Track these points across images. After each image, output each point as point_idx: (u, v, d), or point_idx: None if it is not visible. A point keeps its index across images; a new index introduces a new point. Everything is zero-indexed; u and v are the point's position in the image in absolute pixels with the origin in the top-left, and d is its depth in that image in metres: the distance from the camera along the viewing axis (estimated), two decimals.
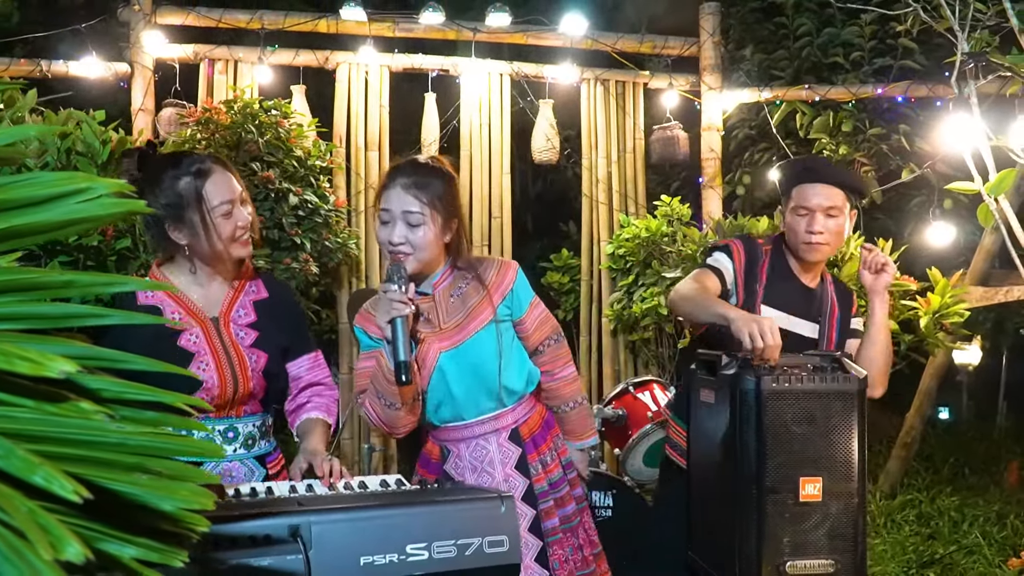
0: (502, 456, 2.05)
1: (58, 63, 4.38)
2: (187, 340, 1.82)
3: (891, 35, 4.96)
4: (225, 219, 1.81)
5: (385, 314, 1.81)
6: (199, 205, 1.78)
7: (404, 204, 1.89)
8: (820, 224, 2.30)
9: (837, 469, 1.93)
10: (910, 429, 5.29)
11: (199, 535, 1.23)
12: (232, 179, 1.85)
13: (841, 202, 2.33)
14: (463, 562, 1.44)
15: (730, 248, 2.39)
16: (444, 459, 2.07)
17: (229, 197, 1.81)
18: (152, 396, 0.77)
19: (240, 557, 1.30)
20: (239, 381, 1.84)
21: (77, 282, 0.79)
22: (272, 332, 1.93)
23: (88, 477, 0.69)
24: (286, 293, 2.04)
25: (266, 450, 1.94)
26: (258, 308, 1.94)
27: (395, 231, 1.90)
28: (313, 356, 2.04)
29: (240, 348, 1.86)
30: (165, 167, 1.82)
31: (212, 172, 1.81)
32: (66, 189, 0.78)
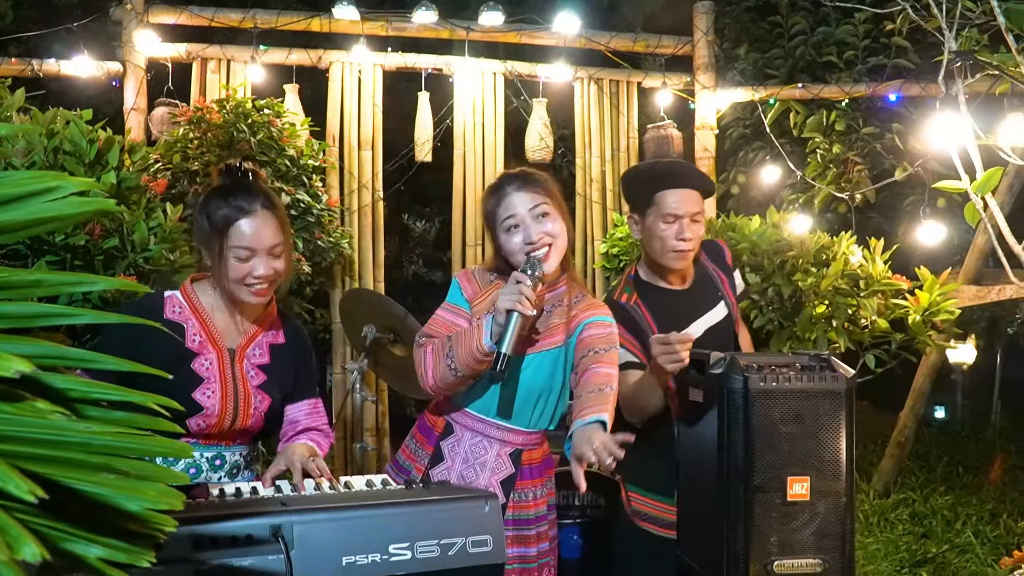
0: (495, 465, 2.03)
1: (50, 62, 4.37)
2: (200, 364, 1.82)
3: (885, 34, 4.96)
4: (239, 262, 1.77)
5: (508, 302, 1.77)
6: (220, 238, 1.77)
7: (529, 202, 1.93)
8: (689, 231, 2.24)
9: (825, 468, 1.93)
10: (903, 428, 5.30)
11: (178, 535, 1.23)
12: (270, 230, 1.79)
13: (701, 206, 2.29)
14: (446, 562, 1.44)
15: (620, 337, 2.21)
16: (445, 435, 2.05)
17: (251, 244, 1.77)
18: (121, 396, 0.77)
19: (221, 557, 1.30)
20: (239, 415, 1.84)
21: (47, 281, 0.78)
22: (280, 377, 1.93)
23: (53, 477, 0.68)
24: (301, 340, 2.02)
25: (248, 479, 1.93)
26: (273, 351, 1.94)
27: (531, 230, 1.92)
28: (313, 403, 2.03)
29: (248, 385, 1.87)
30: (221, 190, 1.82)
31: (252, 214, 1.77)
32: (35, 188, 0.77)
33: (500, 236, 1.98)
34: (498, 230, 1.98)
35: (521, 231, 1.93)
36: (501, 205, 1.96)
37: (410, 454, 2.10)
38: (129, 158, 2.49)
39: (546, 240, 1.93)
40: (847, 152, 5.02)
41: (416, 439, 2.12)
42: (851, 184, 5.03)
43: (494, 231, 2.01)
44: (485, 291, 2.02)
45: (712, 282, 2.41)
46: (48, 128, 2.25)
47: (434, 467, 2.03)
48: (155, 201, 2.48)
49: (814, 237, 3.48)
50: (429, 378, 1.90)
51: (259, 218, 1.77)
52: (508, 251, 1.96)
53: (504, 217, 1.95)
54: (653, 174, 2.32)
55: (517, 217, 1.93)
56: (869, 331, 3.36)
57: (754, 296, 3.41)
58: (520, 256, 1.92)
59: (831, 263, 3.34)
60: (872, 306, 3.25)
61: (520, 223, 1.93)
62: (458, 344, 1.85)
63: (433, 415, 2.11)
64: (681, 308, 2.32)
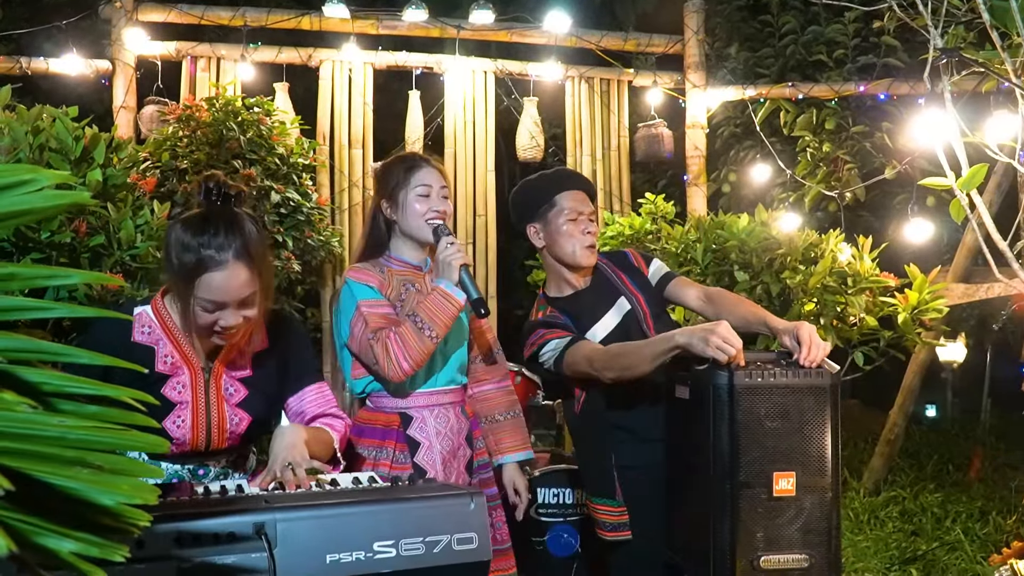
0: (459, 426, 2.21)
1: (38, 60, 4.36)
2: (171, 389, 1.72)
3: (874, 33, 4.98)
4: (205, 312, 1.65)
5: (459, 258, 2.06)
6: (187, 285, 1.63)
7: (441, 181, 2.21)
8: (592, 227, 2.34)
9: (811, 464, 1.93)
10: (893, 426, 5.31)
11: (161, 532, 1.22)
12: (240, 282, 1.63)
13: (593, 209, 2.42)
14: (432, 559, 1.43)
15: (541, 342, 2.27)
16: (407, 425, 2.15)
17: (219, 299, 1.63)
18: (95, 390, 0.76)
19: (204, 555, 1.29)
20: (212, 438, 1.75)
21: (19, 275, 0.78)
22: (263, 389, 1.83)
23: (24, 470, 0.68)
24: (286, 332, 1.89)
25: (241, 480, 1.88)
26: (255, 361, 1.83)
27: (436, 203, 2.17)
28: (316, 387, 1.92)
29: (224, 405, 1.76)
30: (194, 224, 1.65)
31: (223, 266, 1.62)
32: (8, 181, 0.77)
33: (406, 201, 2.17)
34: (406, 194, 2.17)
35: (429, 200, 2.16)
36: (417, 174, 2.18)
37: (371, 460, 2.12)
38: (116, 156, 2.48)
39: (444, 216, 2.18)
40: (837, 151, 5.03)
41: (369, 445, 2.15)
42: (841, 183, 5.04)
43: (397, 198, 2.18)
44: (386, 281, 2.16)
45: (609, 281, 2.42)
46: (34, 125, 2.24)
47: (417, 455, 2.13)
48: (143, 199, 2.47)
49: (803, 235, 3.49)
50: (403, 362, 2.00)
51: (229, 270, 1.62)
52: (412, 217, 2.16)
53: (417, 184, 2.17)
54: (547, 180, 2.43)
55: (431, 189, 2.17)
56: (857, 328, 3.37)
57: (742, 294, 3.42)
58: (420, 221, 2.15)
59: (819, 261, 3.35)
60: (860, 303, 3.26)
61: (430, 194, 2.17)
62: (431, 315, 2.02)
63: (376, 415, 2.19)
64: (587, 306, 2.36)
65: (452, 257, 2.06)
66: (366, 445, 2.15)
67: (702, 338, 1.91)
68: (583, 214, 2.34)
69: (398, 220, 2.20)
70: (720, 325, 1.93)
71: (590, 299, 2.37)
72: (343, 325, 2.13)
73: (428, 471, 2.10)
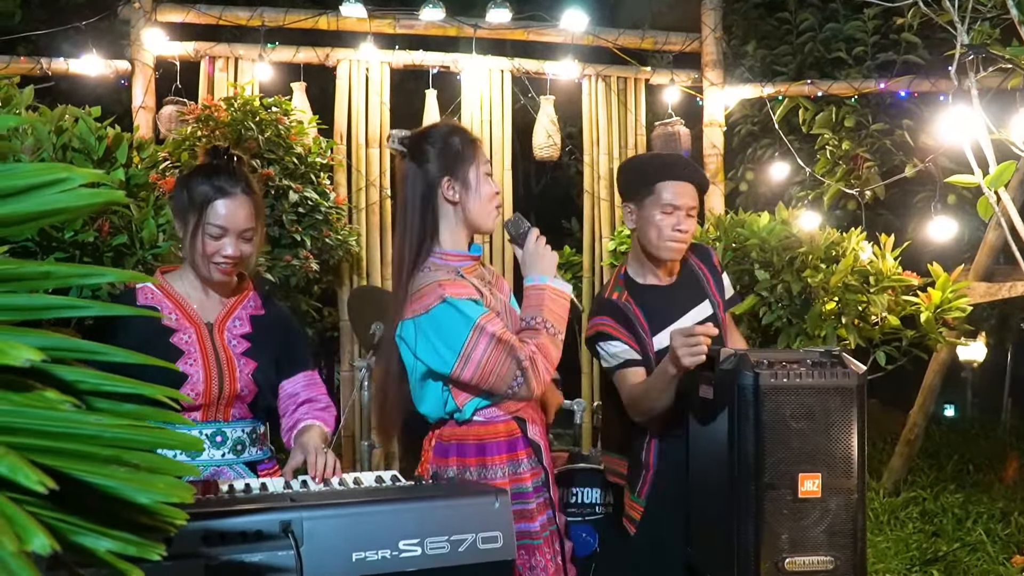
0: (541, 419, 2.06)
1: (58, 61, 4.39)
2: (179, 339, 1.85)
3: (894, 30, 4.94)
4: (211, 239, 1.83)
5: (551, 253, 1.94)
6: (197, 213, 1.83)
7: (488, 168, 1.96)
8: (685, 223, 2.25)
9: (836, 465, 1.91)
10: (913, 426, 5.26)
11: (188, 531, 1.22)
12: (245, 213, 1.86)
13: (697, 202, 2.31)
14: (456, 558, 1.43)
15: (605, 332, 2.26)
16: (524, 429, 1.94)
17: (225, 224, 1.83)
18: (131, 388, 0.76)
19: (231, 553, 1.29)
20: (225, 380, 1.85)
21: (56, 273, 0.78)
22: (265, 345, 1.95)
23: (62, 469, 0.68)
24: (282, 312, 2.07)
25: (258, 457, 1.93)
26: (254, 321, 1.97)
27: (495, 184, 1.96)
28: (309, 374, 2.05)
29: (231, 352, 1.89)
30: (205, 168, 1.89)
31: (231, 196, 1.84)
32: (43, 179, 0.77)
33: (477, 180, 1.88)
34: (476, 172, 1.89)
35: (493, 181, 1.95)
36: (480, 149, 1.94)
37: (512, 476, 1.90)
38: (138, 155, 2.49)
39: None
40: (856, 148, 4.99)
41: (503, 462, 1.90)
42: (861, 181, 5.00)
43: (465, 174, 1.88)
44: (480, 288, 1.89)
45: (698, 280, 2.41)
46: (57, 125, 2.25)
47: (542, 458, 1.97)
48: (163, 199, 2.48)
49: (824, 233, 3.46)
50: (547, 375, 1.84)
51: (237, 200, 1.84)
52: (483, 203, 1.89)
53: (484, 162, 1.92)
54: (654, 164, 2.34)
55: (490, 167, 1.96)
56: (879, 328, 3.34)
57: (763, 293, 3.39)
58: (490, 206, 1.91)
59: (841, 259, 3.32)
60: (882, 302, 3.23)
61: (492, 172, 1.97)
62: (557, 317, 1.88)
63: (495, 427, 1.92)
64: (667, 304, 2.32)
65: (545, 249, 1.92)
66: (495, 464, 1.89)
67: (675, 359, 1.97)
68: (680, 208, 2.24)
69: (465, 204, 1.89)
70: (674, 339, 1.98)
71: (675, 296, 2.34)
72: (443, 353, 1.79)
73: (549, 473, 1.97)
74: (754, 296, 3.37)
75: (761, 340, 3.48)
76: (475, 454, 1.89)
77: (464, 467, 1.90)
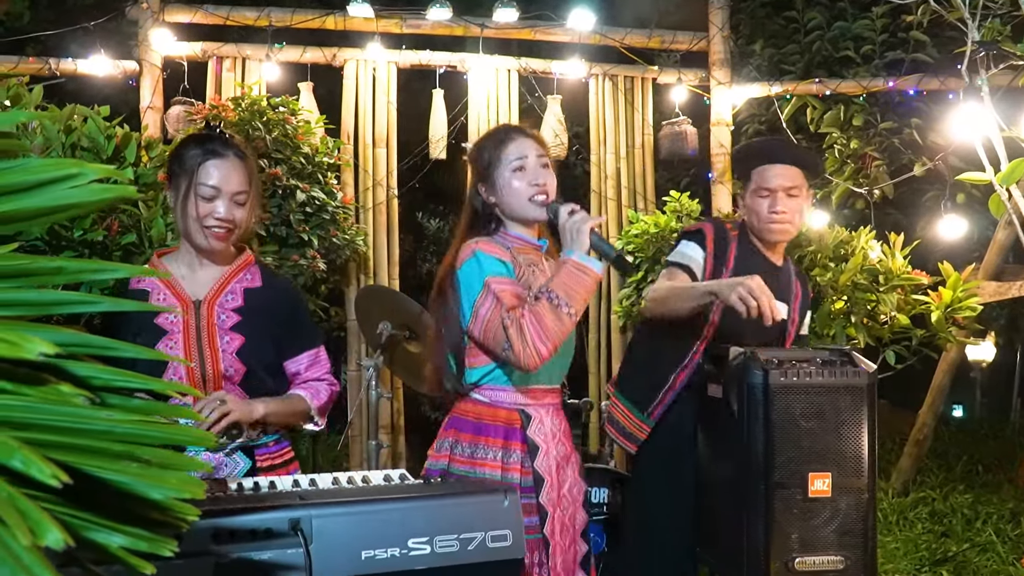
0: (565, 428, 2.04)
1: (67, 61, 4.40)
2: (164, 319, 1.84)
3: (902, 28, 4.91)
4: (204, 201, 1.83)
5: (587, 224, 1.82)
6: (189, 176, 1.83)
7: (537, 149, 1.96)
8: (782, 204, 2.33)
9: (847, 464, 1.91)
10: (922, 426, 5.24)
11: (198, 528, 1.22)
12: (238, 176, 1.85)
13: (800, 181, 2.36)
14: (466, 556, 1.42)
15: (702, 233, 2.38)
16: (527, 424, 1.93)
17: (219, 185, 1.83)
18: (141, 384, 0.76)
19: (240, 551, 1.29)
20: (207, 361, 1.83)
21: (67, 268, 0.78)
22: (258, 320, 1.91)
23: (75, 465, 0.68)
24: (283, 285, 2.03)
25: (257, 442, 1.90)
26: (247, 295, 1.93)
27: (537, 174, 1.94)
28: (314, 352, 2.03)
29: (215, 329, 1.86)
30: (197, 136, 1.91)
31: (223, 157, 1.84)
32: (55, 175, 0.77)
33: (503, 178, 1.94)
34: (501, 171, 1.94)
35: (528, 173, 1.93)
36: (510, 146, 1.95)
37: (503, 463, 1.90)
38: (146, 154, 2.50)
39: (547, 187, 1.94)
40: (865, 147, 4.97)
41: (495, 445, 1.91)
42: (869, 179, 4.98)
43: (492, 177, 1.95)
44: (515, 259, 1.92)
45: (790, 289, 2.48)
46: (66, 124, 2.25)
47: (536, 460, 1.91)
48: None
49: (833, 232, 3.45)
50: (540, 345, 1.77)
51: (229, 162, 1.85)
52: (510, 192, 1.93)
53: (514, 157, 1.94)
54: (752, 151, 2.47)
55: (526, 160, 1.93)
56: (889, 327, 3.32)
57: None
58: (523, 200, 1.92)
59: (850, 258, 3.31)
60: (892, 301, 3.22)
61: (527, 166, 1.93)
62: (569, 289, 1.78)
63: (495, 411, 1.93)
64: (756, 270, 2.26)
65: (579, 223, 1.81)
66: (489, 445, 1.91)
67: (730, 285, 2.00)
68: (775, 190, 2.33)
69: (499, 203, 1.97)
70: (752, 279, 2.00)
71: (769, 277, 2.27)
72: (464, 305, 1.87)
73: (546, 479, 1.90)
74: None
75: None
76: (471, 431, 1.93)
77: (457, 441, 1.93)
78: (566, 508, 1.98)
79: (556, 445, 1.97)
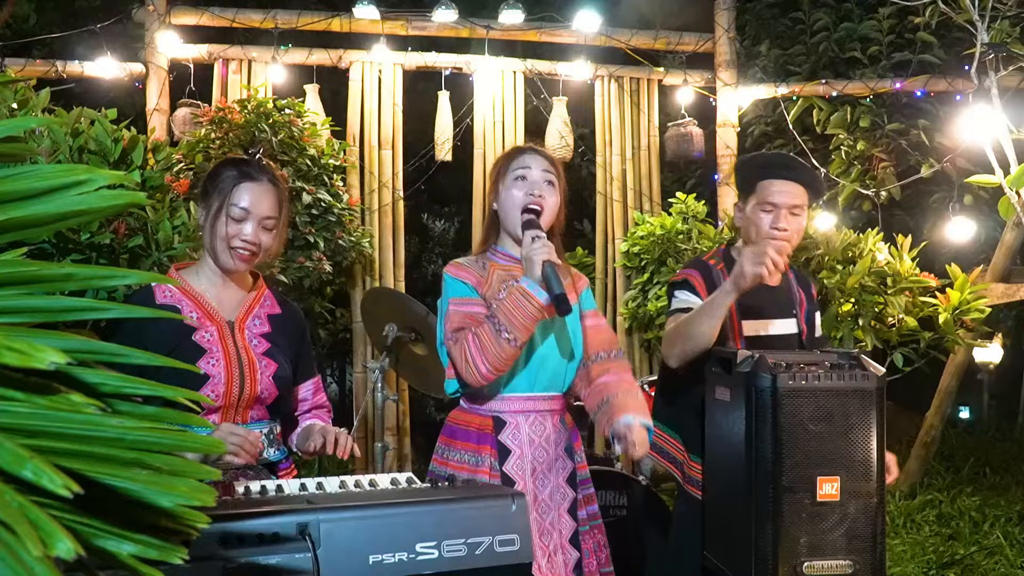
0: (556, 436, 2.05)
1: (73, 64, 4.41)
2: (201, 336, 1.83)
3: (909, 29, 4.90)
4: (233, 221, 1.83)
5: (542, 254, 1.86)
6: (223, 196, 1.84)
7: (543, 165, 2.03)
8: (785, 221, 2.23)
9: (855, 468, 1.90)
10: (930, 428, 5.23)
11: (206, 533, 1.22)
12: (269, 201, 1.87)
13: (804, 200, 2.28)
14: (473, 560, 1.42)
15: (690, 282, 2.28)
16: (499, 430, 2.00)
17: (250, 208, 1.84)
18: (152, 391, 0.76)
19: (248, 555, 1.28)
20: (246, 382, 1.84)
21: (76, 275, 0.77)
22: (284, 346, 1.95)
23: (85, 472, 0.67)
24: (296, 311, 2.06)
25: (276, 458, 1.92)
26: (272, 321, 1.96)
27: (535, 186, 2.00)
28: (316, 381, 2.08)
29: (252, 352, 1.88)
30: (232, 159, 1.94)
31: (257, 181, 1.86)
32: (66, 181, 0.77)
33: (504, 190, 2.03)
34: (504, 183, 2.04)
35: (526, 184, 2.00)
36: (516, 160, 2.04)
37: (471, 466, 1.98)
38: (153, 157, 2.50)
39: (543, 201, 2.00)
40: (872, 149, 4.96)
41: (465, 449, 2.01)
42: (876, 181, 4.96)
43: (498, 188, 2.06)
44: (484, 277, 2.03)
45: (792, 299, 2.40)
46: (73, 127, 2.25)
47: (506, 463, 1.97)
48: (178, 201, 2.49)
49: (840, 235, 3.44)
50: (481, 365, 1.87)
51: (262, 187, 1.86)
52: (508, 199, 2.01)
53: (515, 168, 2.02)
54: (759, 162, 2.36)
55: (528, 172, 2.01)
56: (896, 329, 3.31)
57: None
58: (516, 212, 1.99)
59: (857, 260, 3.29)
60: (899, 304, 3.20)
61: (528, 177, 2.01)
62: (509, 316, 1.85)
63: (470, 417, 2.04)
64: (757, 301, 2.28)
65: (535, 252, 1.87)
66: (461, 448, 2.02)
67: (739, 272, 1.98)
68: (780, 206, 2.24)
69: (500, 212, 2.06)
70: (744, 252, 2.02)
71: (767, 297, 2.30)
72: (440, 322, 2.02)
73: (517, 482, 1.95)
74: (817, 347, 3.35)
75: None
76: (447, 435, 2.06)
77: (440, 444, 2.09)
78: (544, 512, 1.99)
79: (534, 450, 2.00)
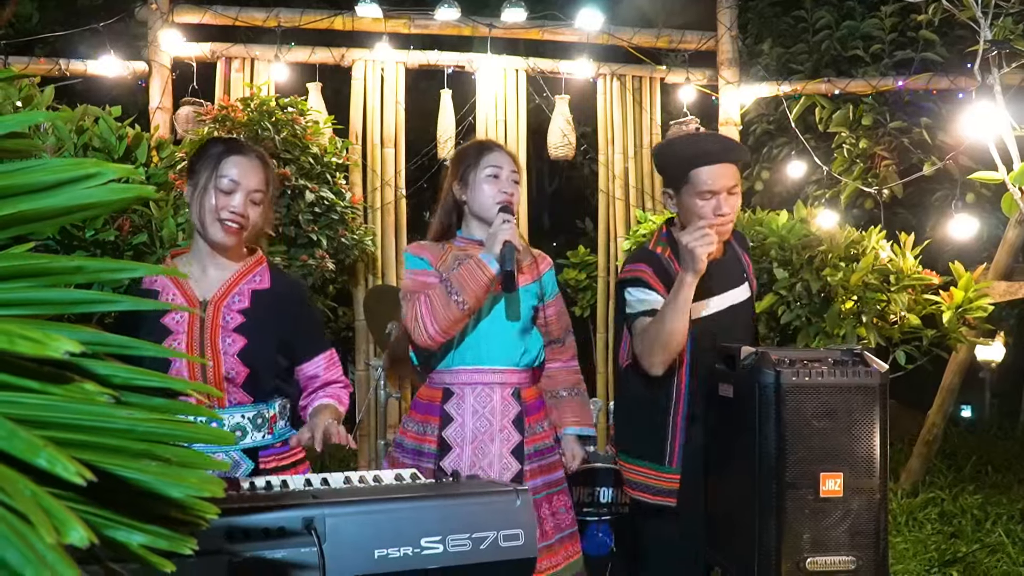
0: (503, 407, 2.17)
1: (76, 62, 4.42)
2: (170, 318, 1.85)
3: (912, 27, 4.90)
4: (222, 193, 1.86)
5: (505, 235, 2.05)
6: (211, 169, 1.87)
7: (511, 165, 2.21)
8: (726, 204, 2.19)
9: (858, 464, 1.90)
10: (932, 427, 5.22)
11: (212, 527, 1.23)
12: (257, 174, 1.91)
13: (738, 177, 2.24)
14: (478, 555, 1.42)
15: (643, 279, 2.23)
16: (445, 400, 2.17)
17: (239, 179, 1.87)
18: (161, 383, 0.76)
19: (254, 550, 1.29)
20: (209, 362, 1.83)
21: (86, 268, 0.78)
22: (264, 322, 1.90)
23: (96, 463, 0.68)
24: (293, 289, 2.01)
25: (262, 443, 1.88)
26: (255, 296, 1.92)
27: (507, 185, 2.18)
28: (328, 355, 2.05)
29: (219, 330, 1.86)
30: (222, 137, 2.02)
31: (244, 154, 1.90)
32: (75, 174, 0.77)
33: (476, 183, 2.18)
34: (475, 176, 2.18)
35: (500, 182, 2.17)
36: (487, 156, 2.20)
37: (416, 434, 2.19)
38: (157, 155, 2.51)
39: (513, 198, 2.18)
40: (874, 147, 4.96)
41: (417, 419, 2.21)
42: (878, 179, 4.96)
43: (467, 179, 2.20)
44: (441, 256, 2.19)
45: (739, 263, 2.39)
46: (77, 125, 2.26)
47: (445, 429, 2.14)
48: (182, 199, 2.49)
49: (844, 232, 3.44)
50: (428, 324, 2.05)
51: (251, 161, 1.91)
52: (481, 197, 2.17)
53: (488, 166, 2.18)
54: (688, 151, 2.27)
55: (501, 171, 2.18)
56: (899, 327, 3.31)
57: (782, 291, 3.37)
58: (489, 201, 2.16)
59: (860, 258, 3.30)
60: (902, 301, 3.20)
61: (501, 176, 2.18)
62: (462, 281, 2.05)
63: (427, 391, 2.23)
64: (708, 277, 2.21)
65: (500, 231, 2.06)
66: (414, 419, 2.22)
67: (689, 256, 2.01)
68: (718, 192, 2.18)
69: (468, 200, 2.21)
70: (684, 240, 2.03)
71: (717, 271, 2.25)
72: None
73: (454, 448, 2.12)
74: (773, 295, 3.35)
75: (779, 339, 3.46)
76: (412, 408, 2.26)
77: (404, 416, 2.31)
78: None
79: (477, 420, 2.15)
